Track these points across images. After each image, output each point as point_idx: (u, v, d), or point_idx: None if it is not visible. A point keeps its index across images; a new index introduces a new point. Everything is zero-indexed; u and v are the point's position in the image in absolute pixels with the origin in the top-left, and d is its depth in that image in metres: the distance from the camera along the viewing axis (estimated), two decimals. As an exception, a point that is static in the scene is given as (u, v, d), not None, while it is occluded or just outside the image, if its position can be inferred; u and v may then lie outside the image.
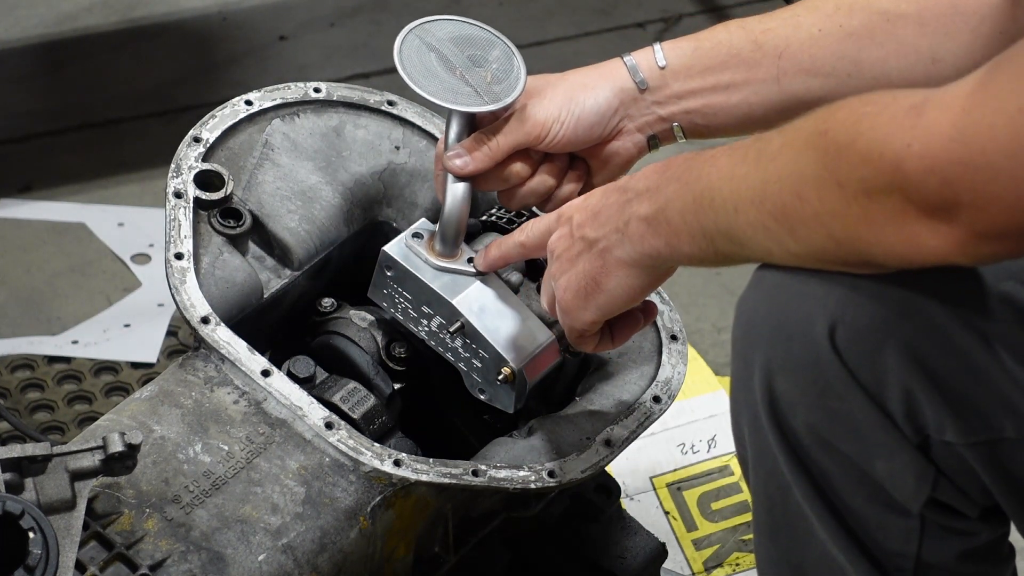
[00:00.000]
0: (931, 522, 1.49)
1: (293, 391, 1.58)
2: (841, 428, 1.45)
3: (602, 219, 1.48)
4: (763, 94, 1.64)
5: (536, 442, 1.63)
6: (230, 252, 1.67)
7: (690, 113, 1.67)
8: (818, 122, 1.32)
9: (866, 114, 1.27)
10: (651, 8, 3.16)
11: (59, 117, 2.93)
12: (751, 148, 1.38)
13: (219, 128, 1.74)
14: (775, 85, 1.64)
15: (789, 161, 1.33)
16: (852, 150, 1.27)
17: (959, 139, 1.21)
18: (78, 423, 2.37)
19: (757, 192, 1.35)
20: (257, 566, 1.50)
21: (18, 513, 1.34)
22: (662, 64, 1.66)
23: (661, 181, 1.45)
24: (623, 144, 1.69)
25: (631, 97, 1.67)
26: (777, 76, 1.63)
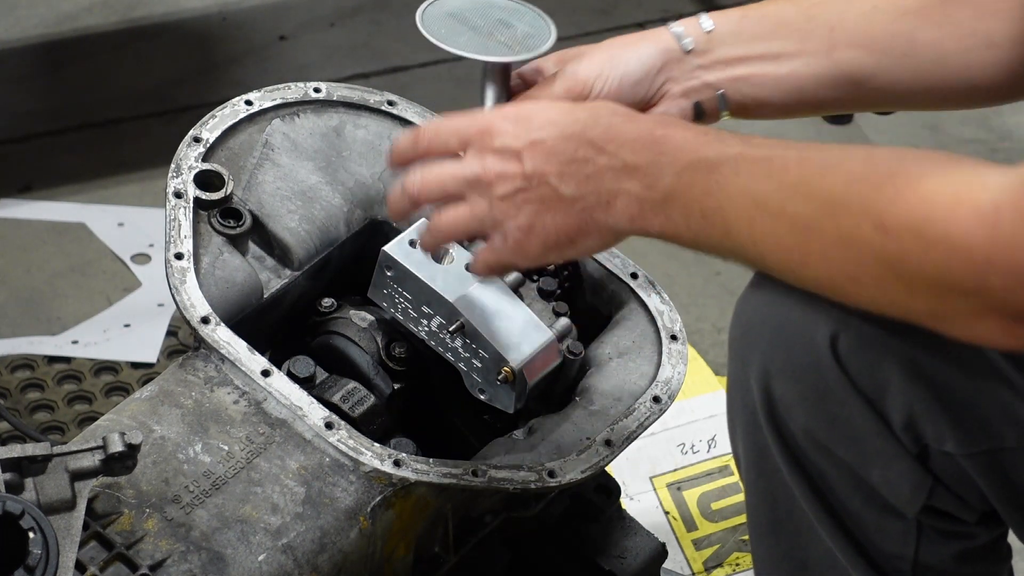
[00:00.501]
0: (928, 526, 1.49)
1: (293, 391, 1.58)
2: (839, 434, 1.45)
3: (575, 176, 1.39)
4: (814, 67, 1.56)
5: (536, 442, 1.63)
6: (230, 252, 1.67)
7: (737, 81, 1.58)
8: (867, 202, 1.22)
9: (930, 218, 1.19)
10: (651, 8, 3.16)
11: (59, 117, 2.93)
12: (777, 199, 1.28)
13: (219, 128, 1.74)
14: (826, 58, 1.56)
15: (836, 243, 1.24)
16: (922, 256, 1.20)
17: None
18: (78, 423, 2.38)
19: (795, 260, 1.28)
20: (257, 566, 1.50)
21: (18, 513, 1.34)
22: (708, 28, 1.58)
23: (656, 164, 1.36)
24: (668, 109, 1.60)
25: (675, 58, 1.59)
26: (828, 49, 1.56)
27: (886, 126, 2.89)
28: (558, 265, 1.76)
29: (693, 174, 1.33)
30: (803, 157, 1.30)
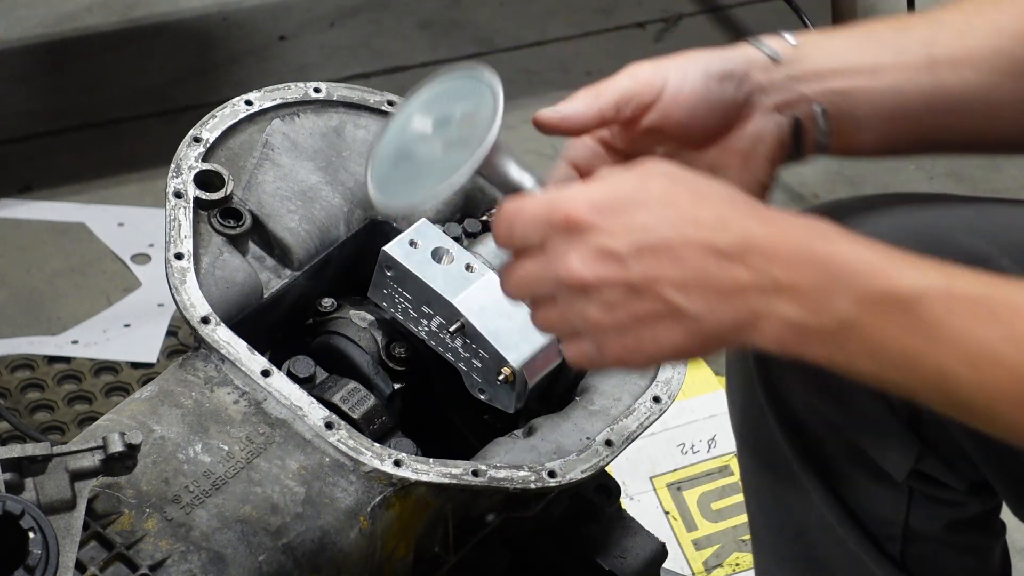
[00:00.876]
0: (918, 492, 1.49)
1: (293, 391, 1.58)
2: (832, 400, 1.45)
3: (703, 291, 1.16)
4: (916, 82, 1.38)
5: (536, 442, 1.64)
6: (230, 252, 1.67)
7: (835, 95, 1.38)
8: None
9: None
10: (651, 8, 3.16)
11: (59, 117, 2.93)
12: (1012, 352, 1.12)
13: (219, 128, 1.74)
14: (928, 74, 1.38)
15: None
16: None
17: None
18: (78, 423, 2.38)
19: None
20: (257, 566, 1.50)
21: (18, 513, 1.34)
22: (793, 42, 1.40)
23: (823, 288, 1.15)
24: (764, 125, 1.37)
25: (762, 65, 1.38)
26: (929, 65, 1.39)
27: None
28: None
29: (883, 307, 1.14)
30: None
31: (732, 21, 3.15)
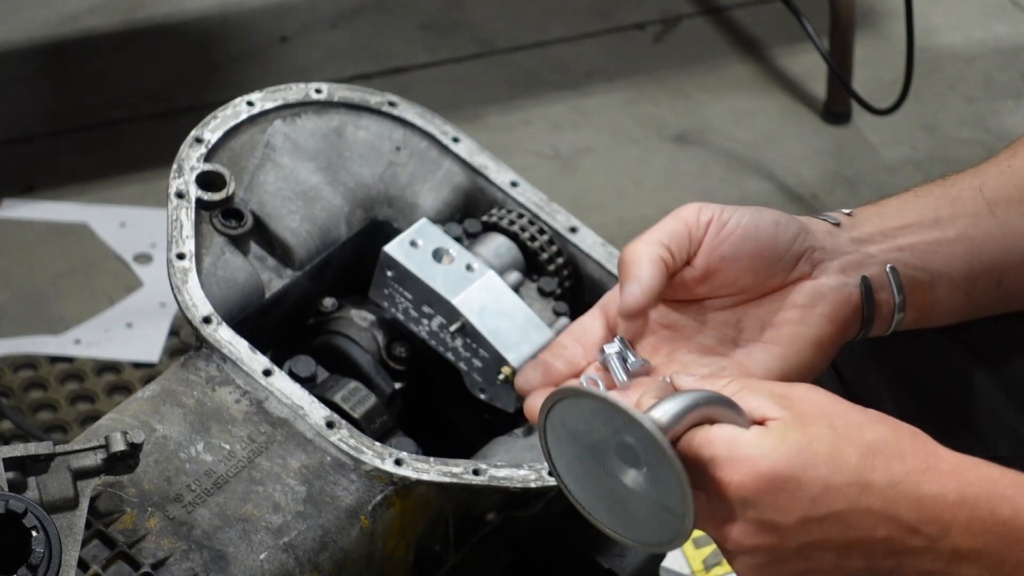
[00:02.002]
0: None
1: (294, 390, 1.59)
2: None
3: (868, 554, 1.11)
4: (982, 227, 1.32)
5: (536, 441, 1.64)
6: (232, 252, 1.68)
7: (903, 251, 1.31)
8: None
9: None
10: (650, 9, 3.17)
11: (61, 118, 2.94)
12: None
13: (221, 129, 1.74)
14: (990, 217, 1.33)
15: None
16: None
17: None
18: (80, 422, 2.38)
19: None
20: (259, 564, 1.50)
21: (21, 512, 1.34)
22: (847, 212, 1.33)
23: (1006, 551, 1.09)
24: (826, 282, 1.28)
25: (822, 229, 1.31)
26: (988, 208, 1.33)
27: (885, 126, 2.90)
28: (558, 265, 1.77)
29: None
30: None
31: (731, 22, 3.15)
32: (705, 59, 3.08)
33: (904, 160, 2.87)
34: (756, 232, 1.27)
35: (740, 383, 1.15)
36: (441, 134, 1.81)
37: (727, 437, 1.11)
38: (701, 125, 2.93)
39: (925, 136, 2.93)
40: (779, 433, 1.10)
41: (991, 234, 1.32)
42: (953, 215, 1.32)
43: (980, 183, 1.34)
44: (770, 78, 3.04)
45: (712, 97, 3.00)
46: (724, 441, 1.10)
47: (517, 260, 1.76)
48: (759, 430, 1.11)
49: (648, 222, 1.33)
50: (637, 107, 2.96)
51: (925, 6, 3.11)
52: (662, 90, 3.00)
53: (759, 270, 1.27)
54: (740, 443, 1.10)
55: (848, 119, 2.94)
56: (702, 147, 2.89)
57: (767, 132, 2.93)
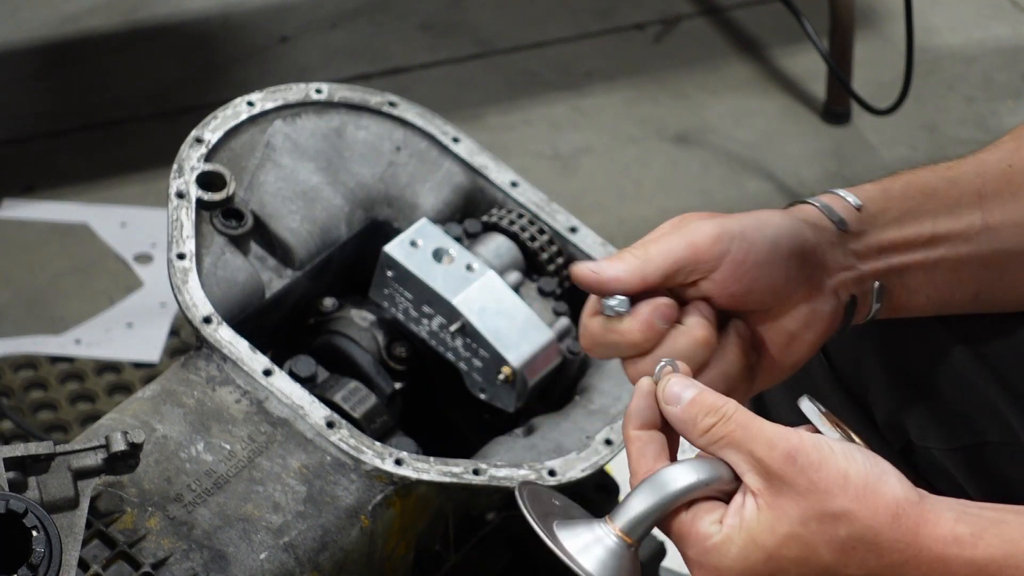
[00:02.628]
0: None
1: (295, 390, 1.59)
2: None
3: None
4: (973, 243, 1.32)
5: (536, 441, 1.64)
6: (232, 252, 1.68)
7: (894, 271, 1.30)
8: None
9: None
10: (650, 9, 3.17)
11: (62, 118, 2.94)
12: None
13: (221, 129, 1.74)
14: (984, 230, 1.32)
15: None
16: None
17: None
18: (81, 422, 2.38)
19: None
20: (259, 564, 1.50)
21: (21, 512, 1.34)
22: (856, 204, 1.29)
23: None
24: (820, 307, 1.26)
25: (828, 240, 1.27)
26: (984, 223, 1.32)
27: (884, 126, 2.90)
28: (558, 265, 1.77)
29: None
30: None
31: (731, 23, 3.15)
32: (705, 59, 3.08)
33: (904, 160, 2.87)
34: (771, 273, 1.23)
35: (724, 430, 1.13)
36: (441, 134, 1.81)
37: (698, 539, 1.11)
38: (701, 125, 2.93)
39: (925, 136, 2.93)
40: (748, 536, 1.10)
41: (980, 252, 1.32)
42: (948, 233, 1.31)
43: (980, 186, 1.33)
44: (770, 78, 3.04)
45: (712, 97, 3.00)
46: (695, 542, 1.12)
47: (517, 260, 1.76)
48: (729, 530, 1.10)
49: (648, 222, 1.32)
50: (637, 107, 2.96)
51: (925, 6, 3.11)
52: (662, 90, 3.00)
53: (763, 303, 1.25)
54: (708, 550, 1.11)
55: (848, 119, 2.94)
56: (702, 147, 2.89)
57: (767, 132, 2.93)
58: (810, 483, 1.09)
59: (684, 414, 1.15)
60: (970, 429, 1.40)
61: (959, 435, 1.40)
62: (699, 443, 1.15)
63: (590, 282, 1.21)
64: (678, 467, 1.15)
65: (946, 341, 1.39)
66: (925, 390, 1.41)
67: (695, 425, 1.15)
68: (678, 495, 1.13)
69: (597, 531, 1.12)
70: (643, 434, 1.17)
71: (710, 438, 1.14)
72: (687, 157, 2.86)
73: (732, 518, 1.10)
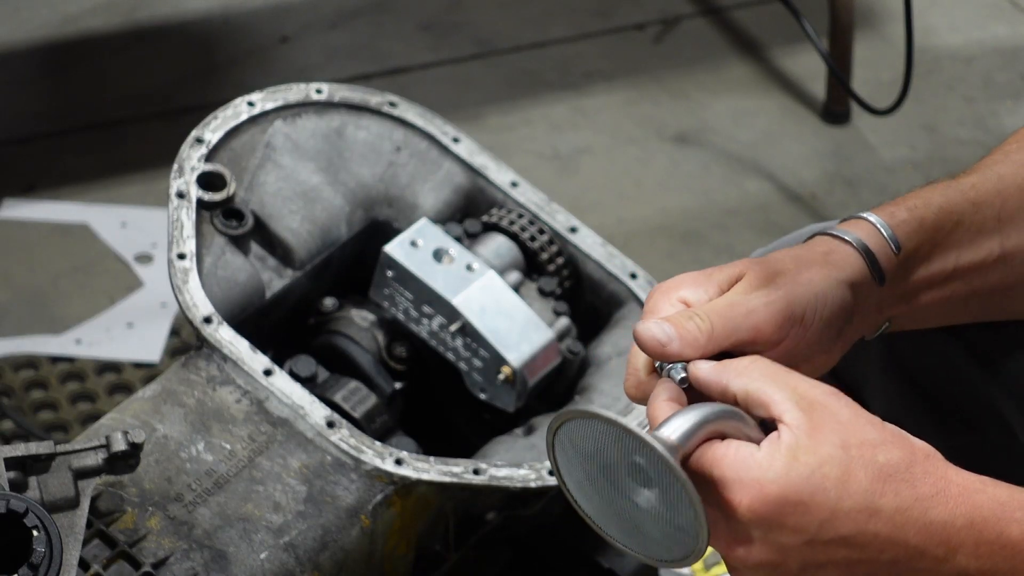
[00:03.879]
0: None
1: (295, 390, 1.59)
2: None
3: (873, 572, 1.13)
4: (986, 276, 1.34)
5: (536, 440, 1.64)
6: (232, 252, 1.68)
7: (910, 311, 1.33)
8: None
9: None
10: (650, 10, 3.17)
11: (62, 118, 2.94)
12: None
13: (221, 129, 1.75)
14: (1000, 262, 1.33)
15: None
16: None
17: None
18: (81, 422, 2.38)
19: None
20: (259, 564, 1.50)
21: (22, 511, 1.35)
22: (896, 250, 1.29)
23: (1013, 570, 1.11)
24: (835, 355, 1.29)
25: (865, 295, 1.28)
26: (1001, 250, 1.33)
27: (884, 126, 2.90)
28: (558, 265, 1.77)
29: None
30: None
31: (731, 23, 3.15)
32: (705, 59, 3.08)
33: (903, 160, 2.87)
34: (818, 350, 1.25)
35: (765, 368, 1.15)
36: (441, 134, 1.81)
37: (737, 458, 1.11)
38: (701, 125, 2.93)
39: (924, 136, 2.93)
40: (790, 453, 1.10)
41: (990, 283, 1.33)
42: (968, 265, 1.32)
43: (1000, 207, 1.33)
44: (770, 78, 3.04)
45: (712, 97, 3.00)
46: (734, 462, 1.11)
47: (517, 260, 1.76)
48: (770, 448, 1.11)
49: (648, 222, 1.32)
50: (637, 107, 2.96)
51: (924, 7, 3.11)
52: (662, 90, 3.00)
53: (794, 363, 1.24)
54: (750, 465, 1.10)
55: (847, 119, 2.94)
56: (702, 147, 2.89)
57: (767, 132, 2.93)
58: (852, 414, 1.12)
59: (716, 366, 1.16)
60: (967, 427, 1.40)
61: (956, 433, 1.40)
62: (737, 383, 1.14)
63: (656, 352, 1.20)
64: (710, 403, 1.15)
65: (944, 338, 1.39)
66: (922, 388, 1.41)
67: (732, 366, 1.15)
68: (719, 413, 1.12)
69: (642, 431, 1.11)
70: (670, 404, 1.17)
71: (749, 376, 1.14)
72: (687, 157, 2.86)
73: (768, 444, 1.11)
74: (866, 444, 1.11)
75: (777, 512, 1.10)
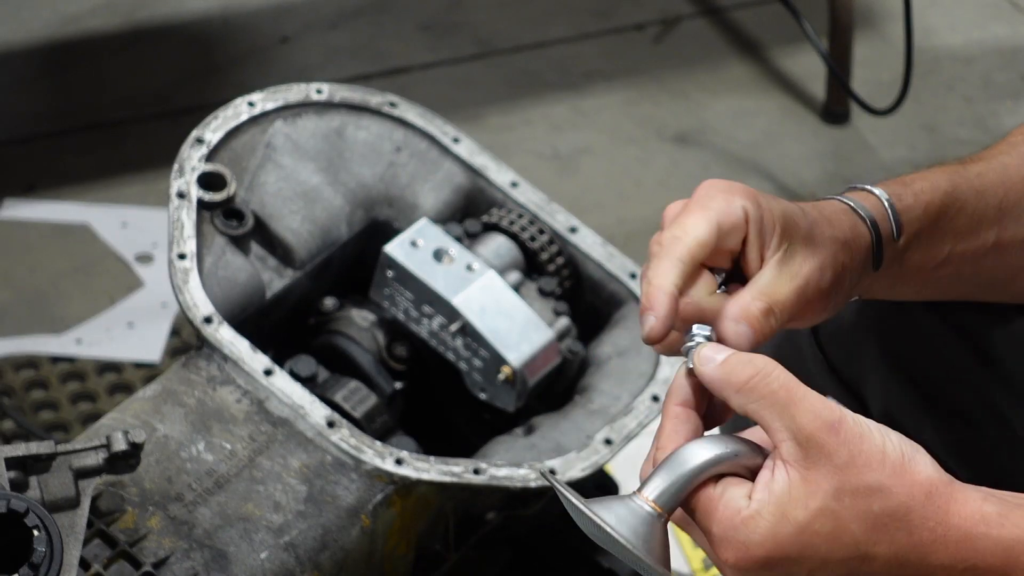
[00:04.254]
0: None
1: (295, 390, 1.59)
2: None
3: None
4: (981, 263, 1.34)
5: (536, 441, 1.64)
6: (233, 252, 1.68)
7: (894, 285, 1.32)
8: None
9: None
10: (650, 10, 3.17)
11: (63, 118, 2.94)
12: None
13: (222, 129, 1.75)
14: (993, 252, 1.34)
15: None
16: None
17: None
18: (82, 422, 2.38)
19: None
20: (259, 564, 1.51)
21: (23, 511, 1.35)
22: (896, 236, 1.30)
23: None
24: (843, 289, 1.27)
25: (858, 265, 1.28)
26: (996, 240, 1.34)
27: (884, 126, 2.91)
28: (558, 265, 1.77)
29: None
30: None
31: (731, 23, 3.16)
32: (704, 60, 3.08)
33: (903, 160, 2.87)
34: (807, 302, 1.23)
35: (766, 389, 1.11)
36: (441, 134, 1.82)
37: (725, 515, 1.10)
38: (701, 125, 2.94)
39: (924, 136, 2.93)
40: (779, 510, 1.09)
41: (980, 270, 1.33)
42: (962, 252, 1.31)
43: (1002, 197, 1.33)
44: (769, 79, 3.04)
45: (712, 97, 3.00)
46: (722, 519, 1.10)
47: (517, 260, 1.77)
48: (760, 498, 1.09)
49: (648, 223, 1.33)
50: (637, 107, 2.96)
51: (924, 7, 3.12)
52: (662, 91, 3.00)
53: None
54: (736, 525, 1.09)
55: (847, 119, 2.94)
56: (702, 147, 2.89)
57: (766, 132, 2.93)
58: (849, 456, 1.09)
59: (721, 369, 1.13)
60: (966, 424, 1.40)
61: (955, 428, 1.40)
62: (736, 400, 1.12)
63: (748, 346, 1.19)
64: (704, 440, 1.13)
65: (943, 334, 1.39)
66: (921, 383, 1.41)
67: (733, 379, 1.12)
68: (706, 464, 1.11)
69: (628, 503, 1.11)
70: (682, 411, 1.15)
71: (749, 394, 1.11)
72: (687, 157, 2.87)
73: (761, 492, 1.09)
74: (860, 492, 1.08)
75: (764, 567, 1.08)
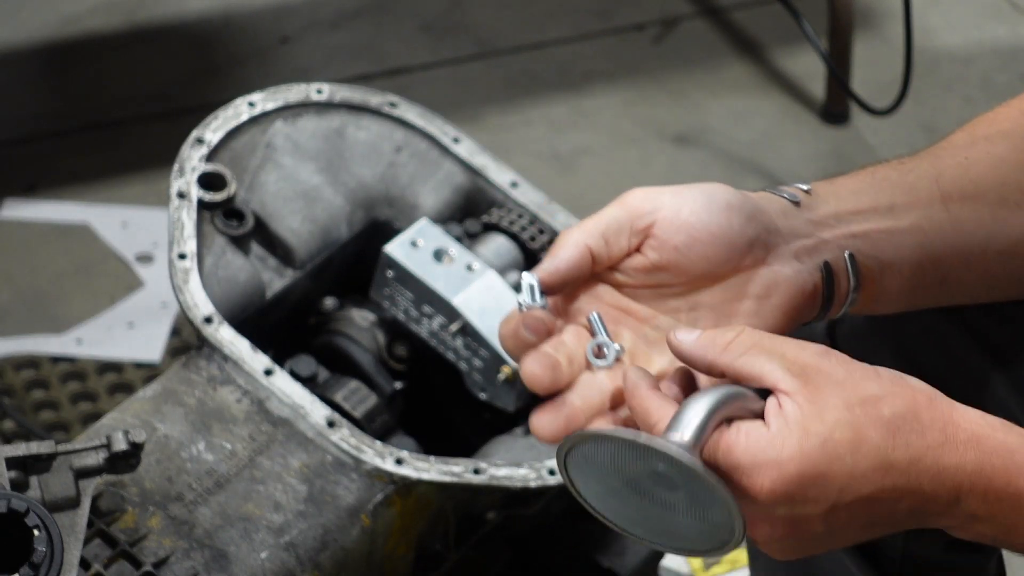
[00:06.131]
0: None
1: (295, 390, 1.60)
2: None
3: (889, 525, 1.14)
4: (934, 220, 1.30)
5: (536, 440, 1.64)
6: (233, 252, 1.68)
7: (856, 238, 1.27)
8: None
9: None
10: (650, 10, 3.17)
11: (63, 118, 2.94)
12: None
13: (222, 129, 1.75)
14: (943, 211, 1.30)
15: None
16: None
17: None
18: (82, 422, 2.38)
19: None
20: (260, 563, 1.51)
21: (23, 511, 1.35)
22: (805, 188, 1.28)
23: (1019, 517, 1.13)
24: (780, 271, 1.24)
25: (779, 207, 1.26)
26: (942, 199, 1.30)
27: (883, 127, 2.91)
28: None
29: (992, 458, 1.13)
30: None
31: (731, 24, 3.16)
32: (704, 60, 3.08)
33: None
34: (708, 220, 1.21)
35: (750, 340, 1.13)
36: (441, 135, 1.82)
37: (749, 442, 1.10)
38: (700, 126, 2.94)
39: (924, 136, 2.93)
40: (799, 426, 1.10)
41: (942, 229, 1.31)
42: (908, 204, 1.30)
43: (937, 173, 1.32)
44: (769, 79, 3.04)
45: (711, 98, 3.00)
46: (747, 447, 1.10)
47: (517, 260, 1.77)
48: (778, 423, 1.10)
49: (647, 223, 1.32)
50: (636, 108, 2.96)
51: (923, 7, 3.12)
52: (661, 91, 3.00)
53: (711, 258, 1.22)
54: (764, 447, 1.09)
55: (847, 120, 2.94)
56: (701, 148, 2.89)
57: (766, 133, 2.93)
58: (847, 372, 1.11)
59: (702, 339, 1.14)
60: None
61: None
62: (724, 359, 1.12)
63: (553, 283, 1.22)
64: (707, 389, 1.13)
65: (952, 334, 1.39)
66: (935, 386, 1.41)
67: (719, 339, 1.13)
68: (721, 399, 1.11)
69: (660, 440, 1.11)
70: (656, 392, 1.15)
71: (735, 349, 1.12)
72: (687, 157, 2.87)
73: (775, 419, 1.10)
74: (869, 400, 1.11)
75: (799, 488, 1.09)
